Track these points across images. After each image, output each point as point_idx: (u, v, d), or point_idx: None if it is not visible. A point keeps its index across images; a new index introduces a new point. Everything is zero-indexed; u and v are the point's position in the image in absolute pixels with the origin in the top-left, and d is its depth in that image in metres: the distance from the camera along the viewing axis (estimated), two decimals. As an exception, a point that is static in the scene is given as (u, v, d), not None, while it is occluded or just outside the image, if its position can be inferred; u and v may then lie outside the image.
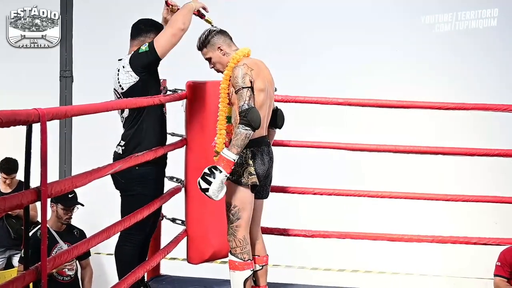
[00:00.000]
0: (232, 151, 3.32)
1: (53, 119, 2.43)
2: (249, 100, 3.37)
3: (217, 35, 3.60)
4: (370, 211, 6.15)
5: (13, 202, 2.25)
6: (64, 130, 7.24)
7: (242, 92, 3.39)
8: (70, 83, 7.28)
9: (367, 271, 6.70)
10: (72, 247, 2.84)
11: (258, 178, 3.50)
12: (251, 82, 3.42)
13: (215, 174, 3.30)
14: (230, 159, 3.31)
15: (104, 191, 4.18)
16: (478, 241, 4.47)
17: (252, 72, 3.44)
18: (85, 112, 2.95)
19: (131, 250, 3.84)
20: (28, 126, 2.30)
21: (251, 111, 3.34)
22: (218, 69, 3.63)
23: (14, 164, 6.25)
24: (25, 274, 2.37)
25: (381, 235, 4.52)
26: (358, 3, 6.88)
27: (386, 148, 4.49)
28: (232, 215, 3.51)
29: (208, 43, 3.59)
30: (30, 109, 2.29)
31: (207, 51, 3.61)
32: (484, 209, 5.81)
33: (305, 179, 5.33)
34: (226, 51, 3.58)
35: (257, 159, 3.51)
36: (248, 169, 3.46)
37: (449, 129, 6.47)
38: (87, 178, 2.78)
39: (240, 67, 3.44)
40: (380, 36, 6.76)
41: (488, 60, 6.65)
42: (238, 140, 3.32)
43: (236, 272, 3.55)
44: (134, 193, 3.79)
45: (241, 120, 3.34)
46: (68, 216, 5.12)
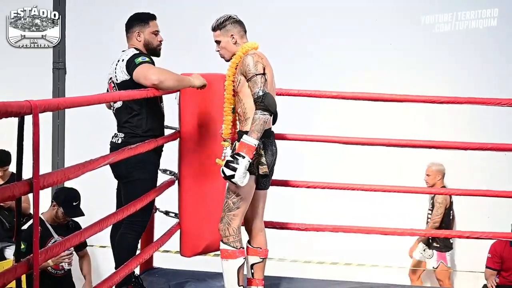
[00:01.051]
0: (252, 136, 3.38)
1: (45, 111, 2.42)
2: (263, 86, 3.44)
3: (234, 24, 3.64)
4: (363, 204, 6.15)
5: (5, 194, 2.24)
6: (57, 122, 7.22)
7: (256, 78, 3.45)
8: (63, 75, 7.26)
9: (360, 264, 6.72)
10: (65, 239, 2.84)
11: (268, 168, 3.55)
12: (263, 69, 3.47)
13: (239, 160, 3.35)
14: (251, 145, 3.37)
15: (97, 184, 4.17)
16: (470, 235, 4.48)
17: (262, 60, 3.52)
18: (78, 105, 2.94)
19: (133, 239, 3.87)
20: (20, 118, 2.29)
21: (267, 96, 3.42)
22: (222, 54, 3.68)
23: (6, 157, 6.22)
24: (17, 266, 2.36)
25: (374, 228, 4.52)
26: (357, 3, 6.87)
27: (380, 141, 4.49)
28: (233, 203, 3.53)
29: (224, 27, 3.64)
30: (22, 101, 2.27)
31: (220, 34, 3.65)
32: (476, 203, 5.83)
33: (299, 173, 5.34)
34: (237, 41, 3.63)
35: (268, 150, 3.57)
36: (259, 159, 3.51)
37: (442, 123, 6.48)
38: (80, 170, 2.77)
39: (251, 55, 3.51)
40: (380, 36, 6.76)
41: (488, 60, 6.65)
42: (257, 125, 3.39)
43: (229, 260, 3.56)
44: (134, 179, 3.83)
45: (258, 105, 3.41)
46: (66, 221, 5.10)
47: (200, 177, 4.15)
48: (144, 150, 3.64)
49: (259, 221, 3.77)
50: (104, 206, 3.96)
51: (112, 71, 3.89)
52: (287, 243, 6.01)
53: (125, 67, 3.77)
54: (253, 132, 3.38)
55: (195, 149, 4.13)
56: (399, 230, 4.47)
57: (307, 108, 6.15)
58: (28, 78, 7.28)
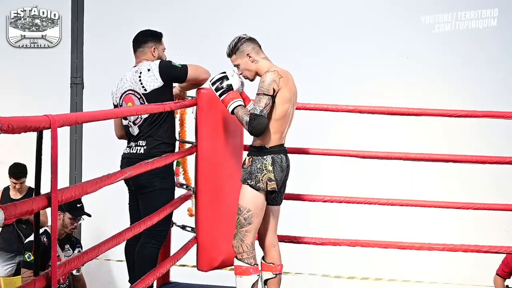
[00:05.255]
0: (232, 108, 3.56)
1: (63, 125, 2.43)
2: (264, 107, 3.45)
3: (246, 43, 3.65)
4: (380, 218, 6.13)
5: (24, 208, 2.25)
6: (75, 137, 7.26)
7: (262, 97, 3.48)
8: (81, 90, 7.30)
9: (378, 279, 6.68)
10: (82, 253, 2.85)
11: (277, 184, 3.54)
12: (274, 91, 3.48)
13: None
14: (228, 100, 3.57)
15: (112, 199, 4.20)
16: (489, 249, 4.44)
17: (281, 80, 3.51)
18: (96, 119, 2.96)
19: (154, 249, 3.93)
20: (39, 133, 2.31)
21: (261, 121, 3.43)
22: (246, 75, 3.70)
23: (22, 169, 6.27)
24: (35, 281, 2.36)
25: (391, 243, 4.50)
26: (357, 3, 6.87)
27: (396, 155, 4.48)
28: (244, 219, 3.53)
29: (238, 50, 3.65)
30: (41, 115, 2.29)
31: (236, 58, 3.68)
32: (494, 217, 5.79)
33: (315, 186, 5.34)
34: (255, 58, 3.64)
35: (276, 165, 3.55)
36: (267, 175, 3.51)
37: (458, 137, 6.44)
38: (98, 184, 2.78)
39: (271, 73, 3.52)
40: (379, 35, 6.75)
41: (488, 60, 6.62)
42: (238, 116, 3.52)
43: (243, 277, 3.55)
44: (156, 188, 3.91)
45: (249, 120, 3.45)
46: (73, 226, 5.15)
47: (217, 191, 4.15)
48: (163, 164, 3.68)
49: (271, 236, 3.77)
50: (115, 221, 3.98)
51: (133, 83, 3.98)
52: (304, 257, 5.99)
53: (159, 74, 3.93)
54: (237, 112, 3.53)
55: (212, 163, 4.13)
56: (417, 244, 4.44)
57: (323, 121, 6.14)
58: (28, 78, 7.32)
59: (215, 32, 6.64)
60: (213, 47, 3.83)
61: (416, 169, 6.04)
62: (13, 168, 6.31)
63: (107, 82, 4.50)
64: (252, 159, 3.56)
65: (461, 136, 6.41)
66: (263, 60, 3.65)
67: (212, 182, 4.15)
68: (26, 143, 3.61)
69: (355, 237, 4.56)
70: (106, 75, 6.90)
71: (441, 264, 6.41)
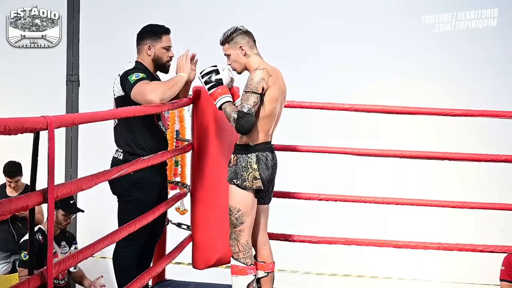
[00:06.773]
0: (219, 103, 3.53)
1: (60, 126, 2.44)
2: (252, 106, 3.41)
3: (242, 35, 3.61)
4: (376, 217, 6.13)
5: (19, 204, 2.24)
6: (71, 135, 7.25)
7: (250, 95, 3.43)
8: (77, 88, 7.29)
9: (373, 277, 6.69)
10: (77, 251, 2.84)
11: (263, 182, 3.51)
12: (262, 90, 3.45)
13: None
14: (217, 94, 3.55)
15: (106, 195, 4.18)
16: (484, 248, 4.44)
17: (270, 78, 3.48)
18: (93, 120, 2.95)
19: (129, 257, 3.81)
20: (36, 134, 2.30)
21: (248, 119, 3.40)
22: (235, 67, 3.66)
23: (16, 167, 6.25)
24: (30, 279, 2.36)
25: (387, 241, 4.50)
26: (357, 3, 6.88)
27: (392, 153, 4.48)
28: (236, 219, 3.52)
29: (232, 40, 3.61)
30: (38, 116, 2.29)
31: (228, 48, 3.63)
32: (490, 216, 5.79)
33: (310, 185, 5.33)
34: (247, 52, 3.60)
35: (261, 163, 3.51)
36: (253, 174, 3.49)
37: (454, 135, 6.45)
38: (93, 181, 2.78)
39: (260, 70, 3.48)
40: (379, 35, 6.76)
41: (488, 60, 6.64)
42: (226, 112, 3.49)
43: (239, 277, 3.55)
44: (131, 198, 3.78)
45: (237, 118, 3.41)
46: (67, 222, 5.18)
47: (213, 189, 4.15)
48: (155, 163, 3.63)
49: (261, 235, 3.75)
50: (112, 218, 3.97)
51: (113, 84, 3.83)
52: (300, 255, 5.99)
53: (119, 83, 3.71)
54: (225, 108, 3.50)
55: (208, 161, 4.13)
56: (412, 243, 4.44)
57: (318, 119, 6.14)
58: (28, 78, 7.31)
59: (215, 32, 6.61)
60: (213, 47, 3.79)
61: (412, 168, 6.04)
62: (7, 166, 6.28)
63: (103, 79, 4.48)
64: (237, 157, 3.54)
65: (460, 135, 6.43)
66: (255, 55, 3.61)
67: (208, 180, 4.15)
68: (22, 141, 3.60)
69: (350, 236, 4.56)
70: (102, 72, 6.90)
71: (436, 262, 6.43)
